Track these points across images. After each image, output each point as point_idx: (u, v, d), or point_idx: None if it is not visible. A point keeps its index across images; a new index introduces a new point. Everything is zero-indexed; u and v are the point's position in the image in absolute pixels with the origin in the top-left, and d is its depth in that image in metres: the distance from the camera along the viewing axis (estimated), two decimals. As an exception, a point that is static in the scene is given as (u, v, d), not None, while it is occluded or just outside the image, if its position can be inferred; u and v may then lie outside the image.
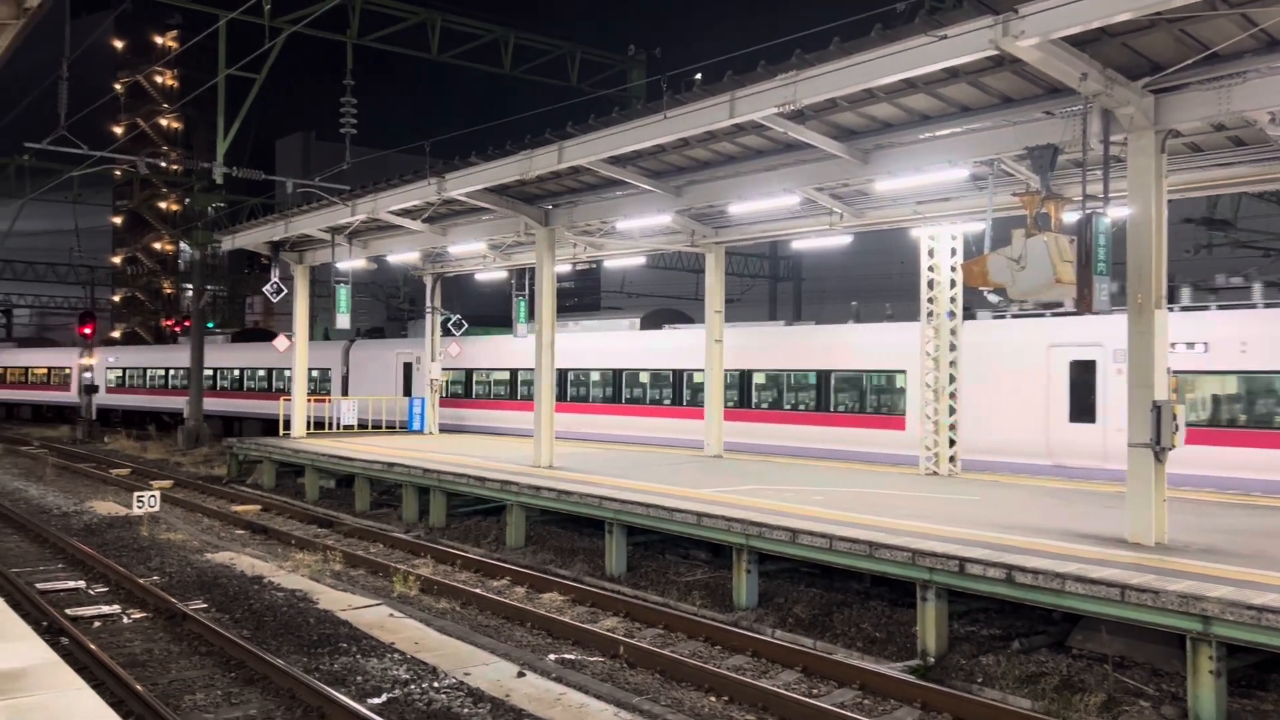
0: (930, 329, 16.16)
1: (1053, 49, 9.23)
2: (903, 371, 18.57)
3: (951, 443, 16.13)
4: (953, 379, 16.12)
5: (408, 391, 29.74)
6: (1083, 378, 16.07)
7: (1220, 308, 15.29)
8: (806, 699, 8.50)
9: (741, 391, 21.57)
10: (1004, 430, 16.79)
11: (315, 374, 32.15)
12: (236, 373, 37.02)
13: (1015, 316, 17.29)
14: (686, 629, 10.86)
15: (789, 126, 12.17)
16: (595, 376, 25.00)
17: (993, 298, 12.23)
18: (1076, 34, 8.98)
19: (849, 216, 15.68)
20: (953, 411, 16.12)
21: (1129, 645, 9.15)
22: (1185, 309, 15.48)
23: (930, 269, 16.22)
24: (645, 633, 10.91)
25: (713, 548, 13.35)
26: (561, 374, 25.13)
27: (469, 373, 28.67)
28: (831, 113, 12.25)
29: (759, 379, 21.36)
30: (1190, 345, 15.01)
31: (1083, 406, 16.02)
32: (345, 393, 31.45)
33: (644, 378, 23.79)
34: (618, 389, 24.54)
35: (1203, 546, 9.81)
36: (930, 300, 16.20)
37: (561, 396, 24.45)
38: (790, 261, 47.07)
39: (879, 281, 38.27)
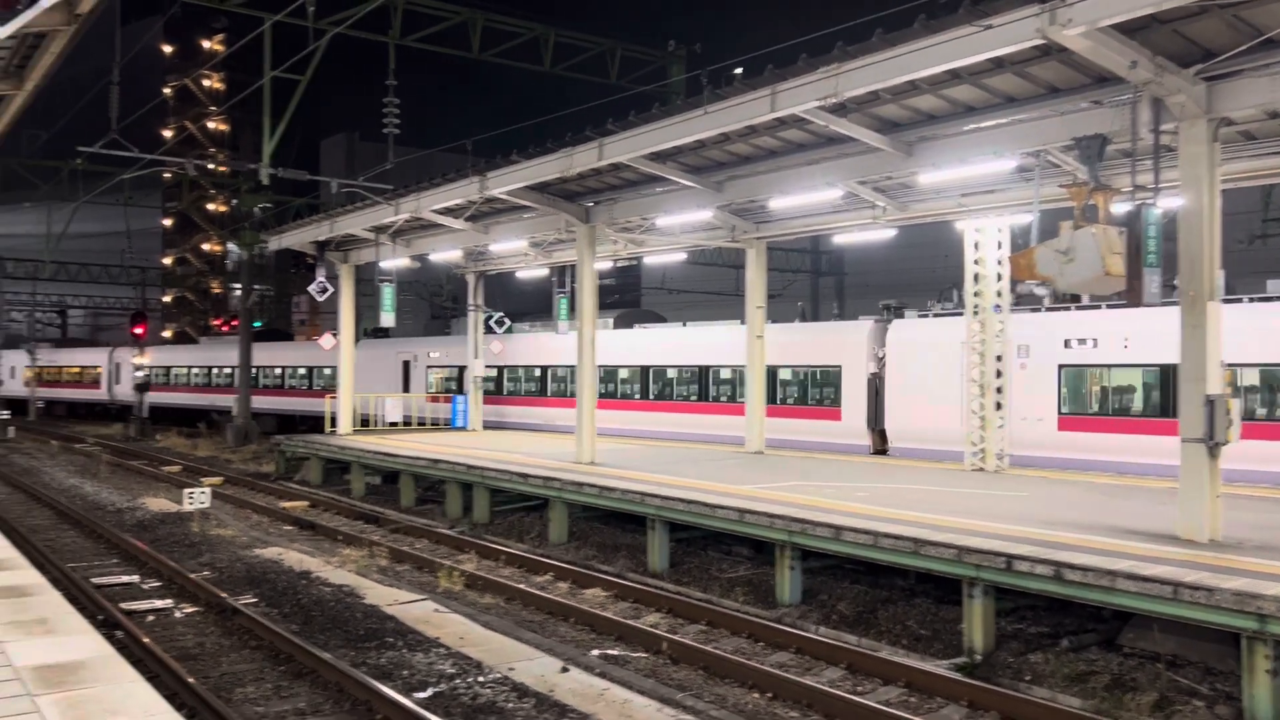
0: (976, 323, 15.96)
1: (1101, 37, 9.06)
2: (838, 367, 20.39)
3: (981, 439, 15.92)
4: (999, 374, 15.91)
5: (406, 388, 30.74)
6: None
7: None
8: (851, 696, 8.44)
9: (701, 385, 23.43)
10: (923, 420, 18.54)
11: (328, 371, 33.54)
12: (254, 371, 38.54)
13: (935, 315, 19.91)
14: (729, 625, 10.83)
15: (831, 120, 12.07)
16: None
17: (1040, 291, 12.03)
18: (1125, 21, 8.81)
19: (892, 210, 15.54)
20: (999, 407, 15.91)
21: (1182, 644, 8.98)
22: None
23: (976, 262, 16.02)
24: (688, 629, 10.90)
25: (755, 544, 13.31)
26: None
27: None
28: (874, 105, 12.14)
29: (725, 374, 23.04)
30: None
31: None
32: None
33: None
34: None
35: (1258, 543, 9.60)
36: (976, 294, 16.00)
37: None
38: (832, 256, 46.74)
39: (923, 275, 37.85)
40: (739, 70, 13.05)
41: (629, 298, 59.78)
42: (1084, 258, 9.86)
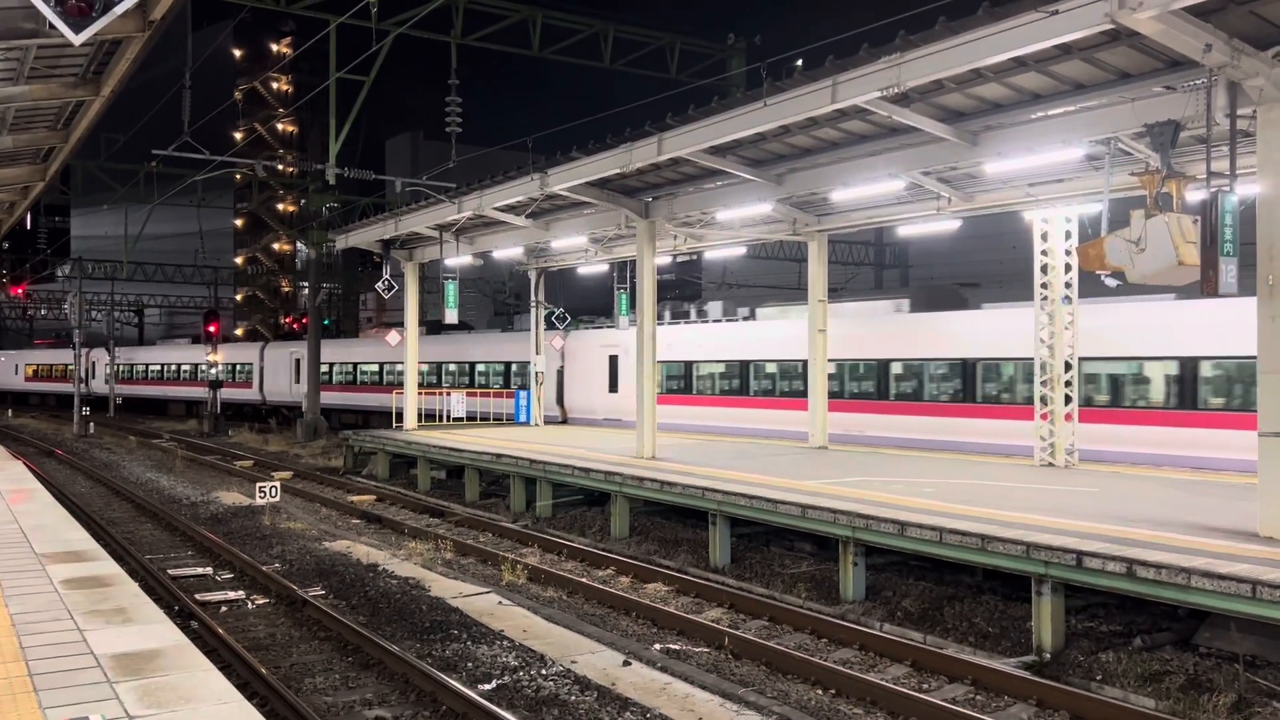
0: (1045, 315, 15.63)
1: (1173, 20, 8.80)
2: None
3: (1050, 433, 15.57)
4: (1069, 366, 15.56)
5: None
6: (613, 365, 26.23)
7: None
8: (917, 694, 8.34)
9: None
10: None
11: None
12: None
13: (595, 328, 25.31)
14: (792, 621, 10.78)
15: (893, 110, 11.91)
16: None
17: (1110, 282, 11.74)
18: (1199, 3, 8.54)
19: (957, 200, 15.27)
20: (1069, 400, 15.56)
21: (1261, 644, 8.70)
22: None
23: (1044, 253, 15.68)
24: (750, 624, 10.87)
25: (818, 540, 13.21)
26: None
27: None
28: (937, 95, 11.94)
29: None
30: None
31: (613, 383, 26.20)
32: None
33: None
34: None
35: (1343, 541, 9.26)
36: (1044, 285, 15.66)
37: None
38: (896, 248, 46.15)
39: (990, 267, 37.19)
40: (799, 62, 12.93)
41: (689, 292, 59.68)
42: (1156, 247, 9.61)
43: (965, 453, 18.04)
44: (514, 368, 30.14)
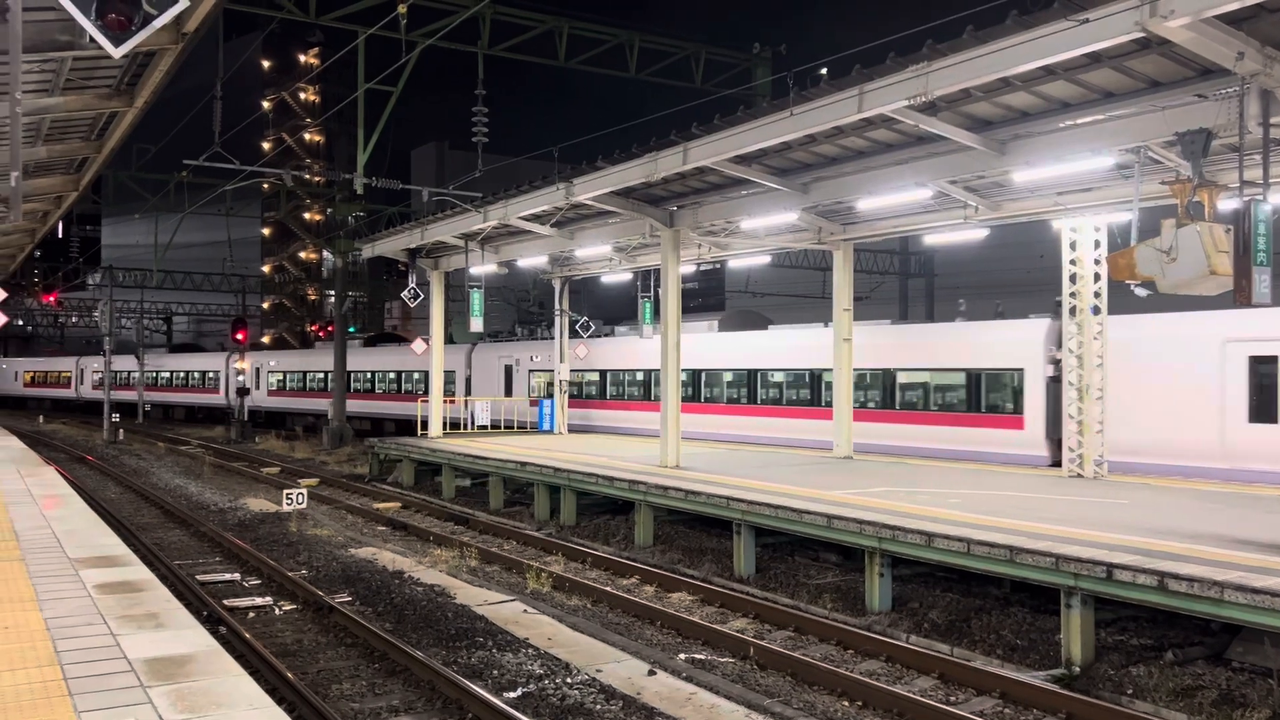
0: (1073, 325, 15.51)
1: (1205, 28, 8.73)
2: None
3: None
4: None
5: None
6: (508, 373, 28.68)
7: None
8: (944, 706, 8.28)
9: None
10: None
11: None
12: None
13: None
14: (818, 632, 10.73)
15: (920, 119, 11.87)
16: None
17: (1140, 291, 11.64)
18: (1231, 11, 8.45)
19: (984, 209, 15.20)
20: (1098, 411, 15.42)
21: (1296, 660, 8.58)
22: None
23: (1072, 262, 15.57)
24: (775, 635, 10.83)
25: (844, 550, 13.14)
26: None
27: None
28: (965, 103, 11.90)
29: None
30: None
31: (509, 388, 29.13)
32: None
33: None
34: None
35: (1380, 555, 9.12)
36: (1073, 295, 15.55)
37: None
38: (921, 257, 45.92)
39: (1017, 276, 36.94)
40: (824, 71, 12.92)
41: (712, 301, 59.64)
42: (1188, 256, 9.51)
43: (753, 444, 21.93)
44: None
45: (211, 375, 49.70)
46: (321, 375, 40.91)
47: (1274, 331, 14.92)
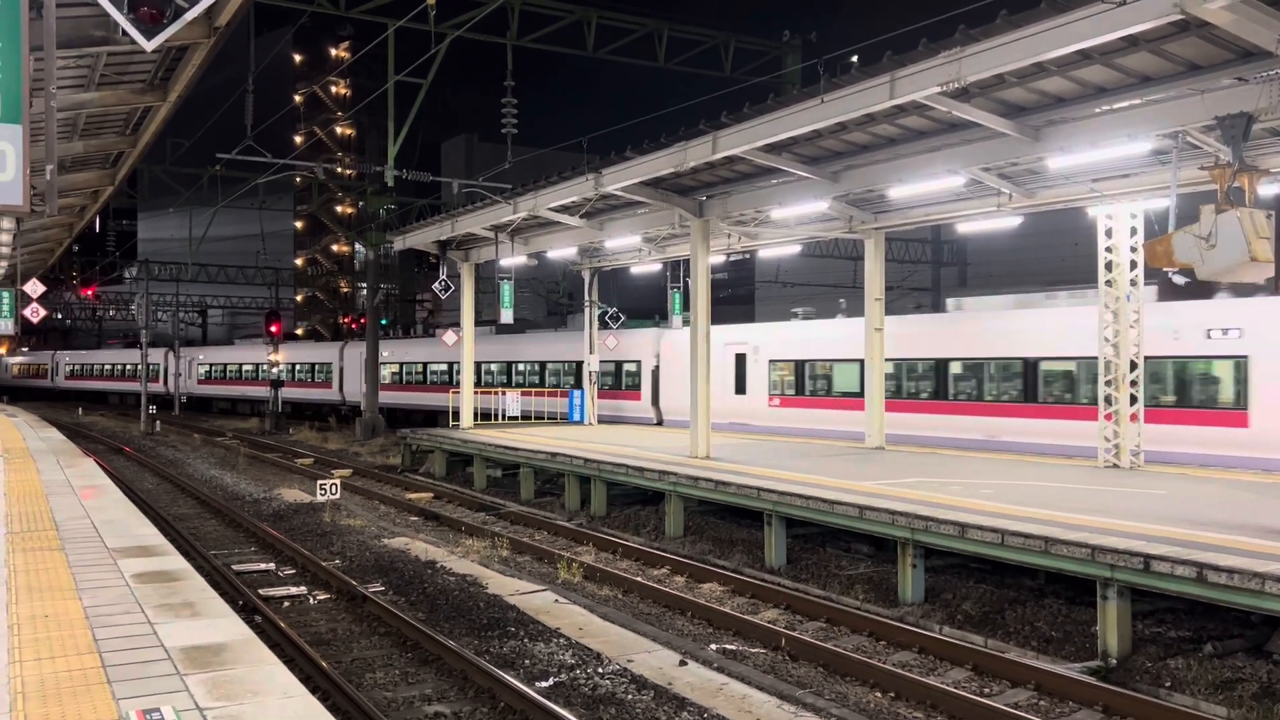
0: (1109, 314, 15.29)
1: (1245, 9, 8.55)
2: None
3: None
4: (1134, 365, 15.21)
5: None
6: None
7: None
8: (978, 698, 8.21)
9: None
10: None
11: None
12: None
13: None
14: (850, 623, 10.68)
15: (953, 105, 11.74)
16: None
17: (1178, 279, 11.47)
18: (1273, -9, 8.30)
19: (1018, 197, 15.01)
20: (1134, 400, 15.21)
21: (1340, 653, 8.43)
22: None
23: (1108, 250, 15.34)
24: (807, 625, 10.79)
25: (875, 541, 13.07)
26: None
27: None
28: (998, 89, 11.75)
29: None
30: None
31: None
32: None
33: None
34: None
35: None
36: (1109, 283, 15.33)
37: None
38: (954, 246, 45.51)
39: (1052, 264, 36.51)
40: (855, 58, 12.80)
41: (742, 291, 59.46)
42: (1228, 243, 9.35)
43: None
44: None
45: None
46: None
47: None
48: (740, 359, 25.01)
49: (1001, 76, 11.10)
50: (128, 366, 60.51)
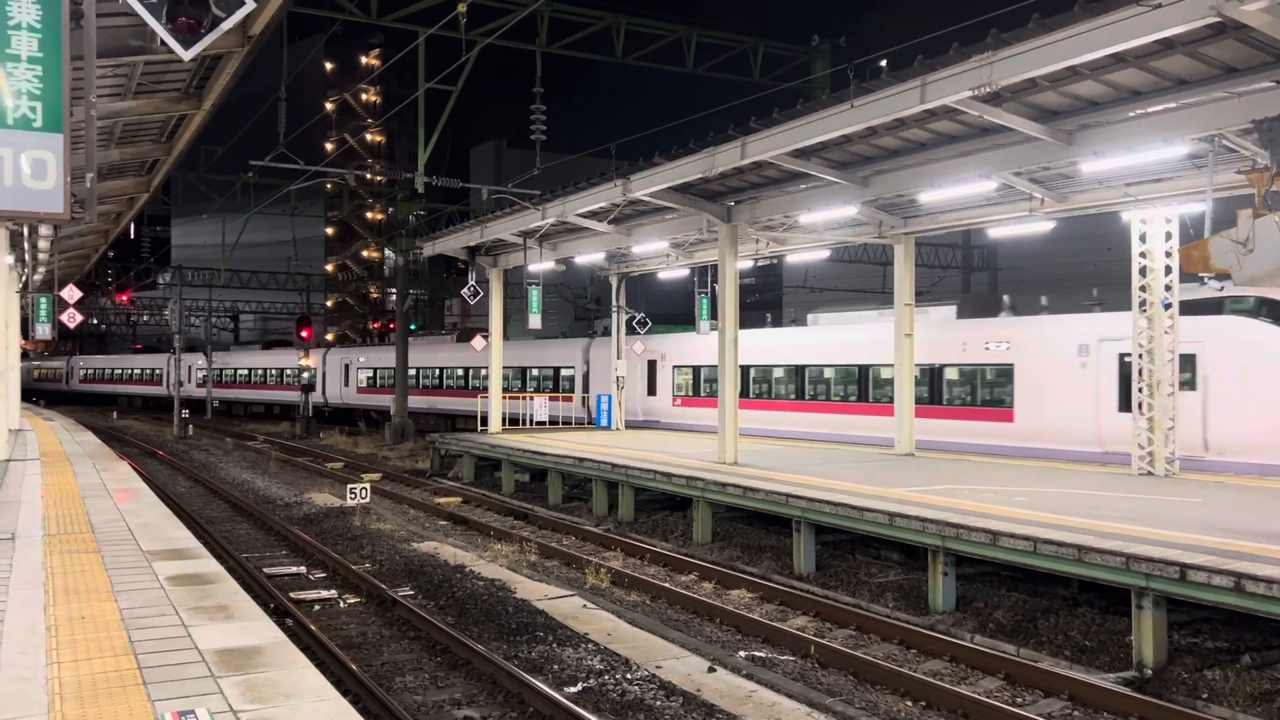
0: (1144, 319, 15.11)
1: (1284, 11, 8.44)
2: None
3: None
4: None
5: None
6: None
7: None
8: (1010, 708, 8.12)
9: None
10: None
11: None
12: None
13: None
14: (880, 631, 10.60)
15: (984, 110, 11.66)
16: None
17: (1214, 284, 11.31)
18: (1313, -8, 8.17)
19: (1050, 201, 14.88)
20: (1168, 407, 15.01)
21: (1382, 665, 8.27)
22: None
23: (1142, 255, 15.17)
24: (836, 633, 10.73)
25: (905, 548, 12.97)
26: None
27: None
28: (1031, 93, 11.66)
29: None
30: None
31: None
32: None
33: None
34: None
35: None
36: (1142, 289, 15.15)
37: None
38: (984, 250, 45.15)
39: (1084, 269, 36.13)
40: (884, 63, 12.75)
41: (769, 297, 59.29)
42: (1266, 248, 9.22)
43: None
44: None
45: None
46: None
47: None
48: (652, 365, 28.83)
49: (1034, 80, 11.01)
50: (132, 370, 66.52)
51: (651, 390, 28.63)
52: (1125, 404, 16.37)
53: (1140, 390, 15.12)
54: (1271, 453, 15.13)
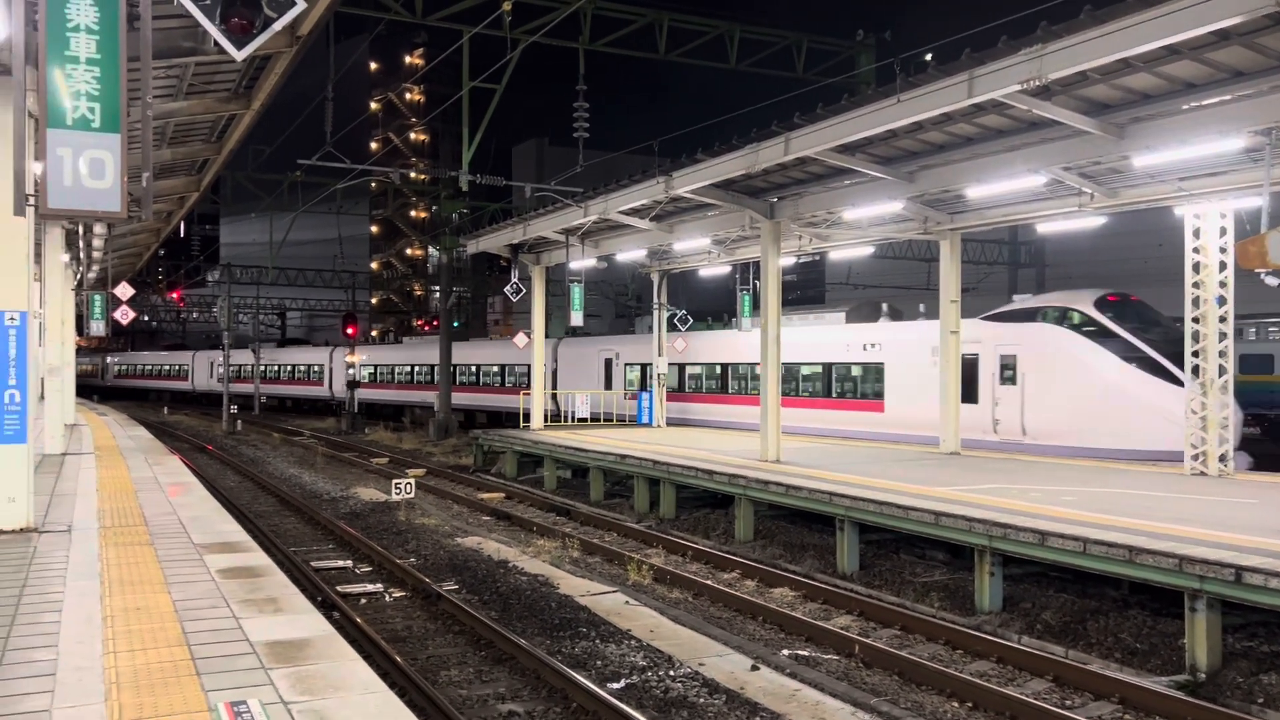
0: (1196, 316, 14.80)
1: (1347, -1, 8.21)
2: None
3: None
4: (1222, 370, 14.72)
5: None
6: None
7: None
8: (1059, 710, 8.00)
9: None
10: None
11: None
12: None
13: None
14: (925, 631, 10.50)
15: (1033, 104, 11.49)
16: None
17: (1271, 280, 11.06)
18: (1377, -20, 7.95)
19: (1100, 196, 14.62)
20: (1223, 407, 14.71)
21: None
22: None
23: (1196, 250, 14.86)
24: (881, 633, 10.64)
25: (951, 548, 12.83)
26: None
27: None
28: (1081, 86, 11.46)
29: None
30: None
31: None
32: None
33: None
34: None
35: None
36: (1196, 285, 14.85)
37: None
38: (1032, 246, 44.53)
39: (1134, 265, 35.52)
40: (929, 56, 12.61)
41: (812, 293, 58.96)
42: (1326, 243, 8.99)
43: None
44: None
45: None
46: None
47: None
48: (608, 362, 31.48)
49: (1084, 73, 10.82)
50: (163, 367, 69.77)
51: (608, 385, 31.15)
52: (968, 396, 19.17)
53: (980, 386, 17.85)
54: (1073, 437, 18.01)
